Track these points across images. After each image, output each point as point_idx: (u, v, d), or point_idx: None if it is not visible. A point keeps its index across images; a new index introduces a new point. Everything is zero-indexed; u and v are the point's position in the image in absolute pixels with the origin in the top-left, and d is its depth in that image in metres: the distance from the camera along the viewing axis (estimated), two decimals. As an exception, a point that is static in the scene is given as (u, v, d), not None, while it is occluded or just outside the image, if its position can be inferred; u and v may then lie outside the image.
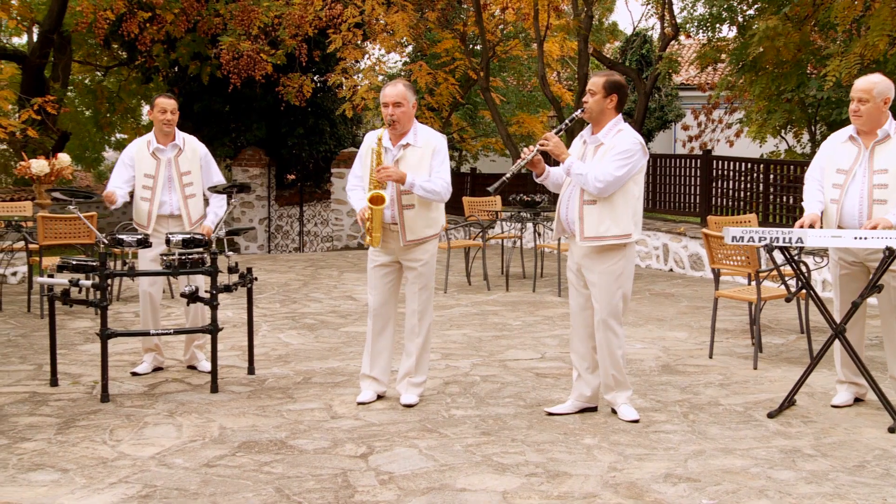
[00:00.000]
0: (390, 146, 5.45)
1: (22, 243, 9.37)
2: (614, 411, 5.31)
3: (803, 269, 5.56)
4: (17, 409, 5.49)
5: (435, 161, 5.44)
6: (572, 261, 5.31)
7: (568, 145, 5.27)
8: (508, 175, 5.25)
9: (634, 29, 23.11)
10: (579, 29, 16.30)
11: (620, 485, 4.18)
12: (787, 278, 6.26)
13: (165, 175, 6.34)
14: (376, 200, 5.29)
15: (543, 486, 4.17)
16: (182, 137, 6.46)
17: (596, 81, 5.11)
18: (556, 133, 5.18)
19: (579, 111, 5.16)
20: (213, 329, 5.85)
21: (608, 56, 21.63)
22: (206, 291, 5.98)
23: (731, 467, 4.41)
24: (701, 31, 14.60)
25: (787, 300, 5.57)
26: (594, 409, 5.40)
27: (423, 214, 5.46)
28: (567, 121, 5.23)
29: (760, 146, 15.93)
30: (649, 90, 17.25)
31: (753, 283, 6.86)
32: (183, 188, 6.36)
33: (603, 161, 5.01)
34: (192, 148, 6.48)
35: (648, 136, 26.13)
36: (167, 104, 6.32)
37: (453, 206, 16.05)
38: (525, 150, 5.17)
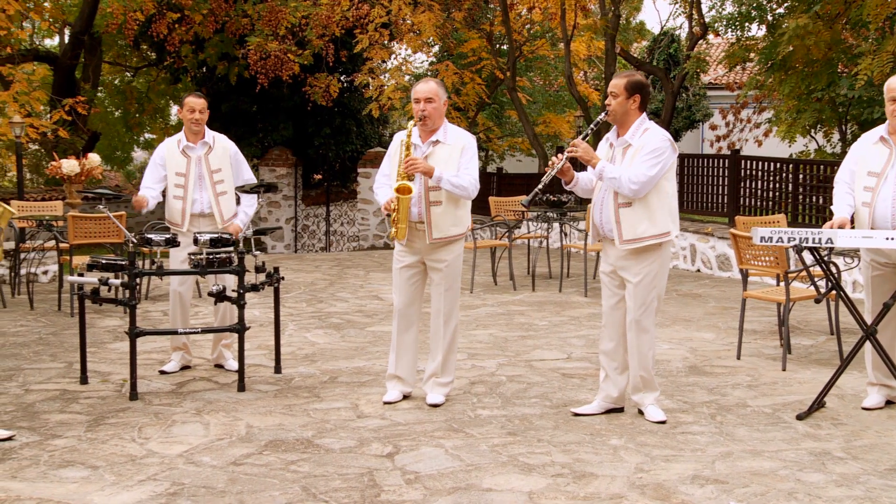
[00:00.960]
0: (420, 143, 5.45)
1: (53, 242, 9.47)
2: (641, 412, 5.29)
3: (833, 269, 5.50)
4: (49, 406, 5.54)
5: (463, 158, 5.43)
6: (607, 262, 5.25)
7: (595, 148, 5.25)
8: (541, 186, 5.15)
9: (662, 28, 22.99)
10: (606, 28, 16.24)
11: (647, 486, 4.16)
12: (816, 279, 6.20)
13: (196, 173, 6.38)
14: (403, 190, 5.28)
15: (570, 486, 4.16)
16: (212, 136, 6.50)
17: (617, 83, 5.07)
18: (583, 138, 5.16)
19: (603, 114, 5.12)
20: (240, 328, 5.88)
21: (635, 55, 21.52)
22: (233, 290, 6.01)
23: (760, 469, 4.38)
24: (729, 29, 14.50)
25: (817, 301, 5.52)
26: (621, 410, 5.37)
27: (450, 212, 5.45)
28: (592, 125, 5.18)
29: (789, 146, 15.78)
30: (677, 90, 17.16)
31: (782, 283, 6.80)
32: (214, 186, 6.40)
33: (634, 162, 4.97)
34: (223, 146, 6.52)
35: (676, 136, 25.97)
36: (196, 103, 6.36)
37: (479, 206, 16.04)
38: (554, 158, 5.11)
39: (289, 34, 15.74)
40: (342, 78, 18.55)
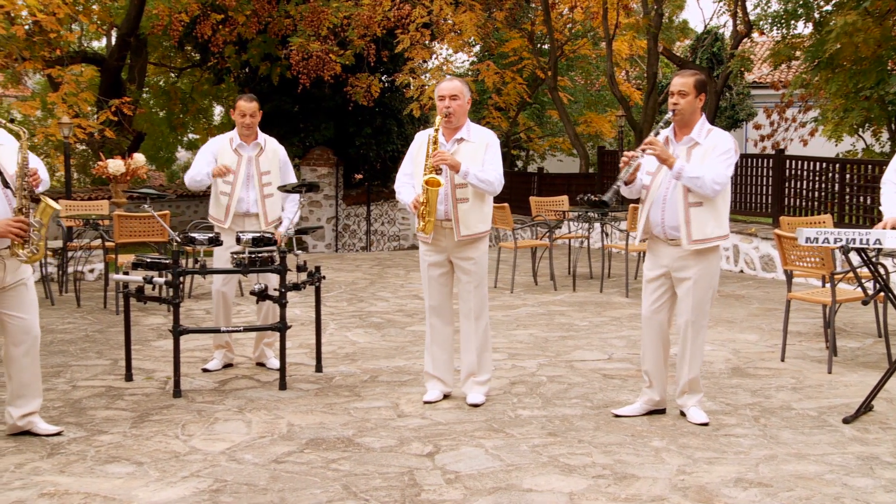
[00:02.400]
0: (444, 141, 5.46)
1: (99, 241, 9.61)
2: (683, 414, 5.24)
3: (881, 271, 5.40)
4: (95, 402, 5.63)
5: (487, 155, 5.44)
6: (658, 265, 5.15)
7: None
8: (619, 184, 5.01)
9: (706, 27, 22.75)
10: (649, 27, 16.13)
11: (689, 488, 4.12)
12: (864, 281, 6.10)
13: (245, 172, 6.44)
14: (433, 183, 5.27)
15: (611, 487, 4.13)
16: (264, 138, 6.56)
17: (686, 82, 4.97)
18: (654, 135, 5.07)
19: (670, 114, 5.01)
20: (281, 327, 5.92)
21: (678, 54, 21.33)
22: (275, 289, 6.06)
23: (805, 473, 4.31)
24: (775, 27, 14.32)
25: (865, 303, 5.42)
26: (662, 412, 5.33)
27: (476, 208, 5.45)
28: (662, 123, 5.02)
29: (836, 145, 15.56)
30: (720, 89, 16.99)
31: (828, 285, 6.70)
32: (262, 187, 6.45)
33: (708, 162, 4.90)
34: (273, 149, 6.59)
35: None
36: (247, 108, 6.40)
37: (520, 206, 16.01)
38: (626, 154, 4.97)
39: (331, 34, 15.83)
40: (383, 78, 18.63)
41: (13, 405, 4.88)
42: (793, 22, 14.01)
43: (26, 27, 13.48)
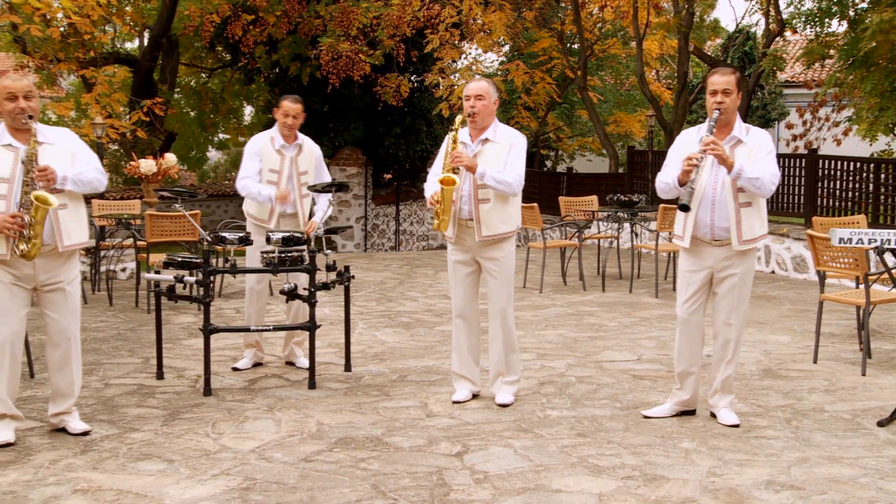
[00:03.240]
0: (469, 141, 5.45)
1: (131, 240, 9.70)
2: (713, 415, 5.20)
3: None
4: (127, 400, 5.68)
5: (510, 155, 5.41)
6: (702, 265, 5.09)
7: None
8: (693, 186, 4.89)
9: (737, 26, 22.58)
10: (679, 26, 16.03)
11: (720, 490, 4.08)
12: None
13: (287, 173, 6.47)
14: (447, 182, 5.28)
15: (640, 489, 4.11)
16: (302, 137, 6.59)
17: (729, 80, 4.91)
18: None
19: (717, 112, 4.94)
20: (311, 326, 5.94)
21: (709, 54, 21.17)
22: (304, 289, 6.08)
23: (839, 476, 4.26)
24: (808, 26, 14.16)
25: (899, 304, 5.35)
26: (692, 413, 5.29)
27: (498, 209, 5.43)
28: (710, 121, 4.91)
29: (870, 144, 15.37)
30: (752, 88, 16.85)
31: (861, 286, 6.62)
32: (300, 187, 6.49)
33: (756, 160, 4.86)
34: (310, 148, 6.62)
35: (750, 135, 25.45)
36: (291, 108, 6.41)
37: (549, 206, 15.98)
38: (693, 157, 4.83)
39: (360, 34, 15.87)
40: (413, 78, 18.64)
41: (51, 402, 4.97)
42: (827, 20, 13.85)
43: (61, 29, 13.64)
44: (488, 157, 5.37)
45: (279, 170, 6.43)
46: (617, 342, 7.50)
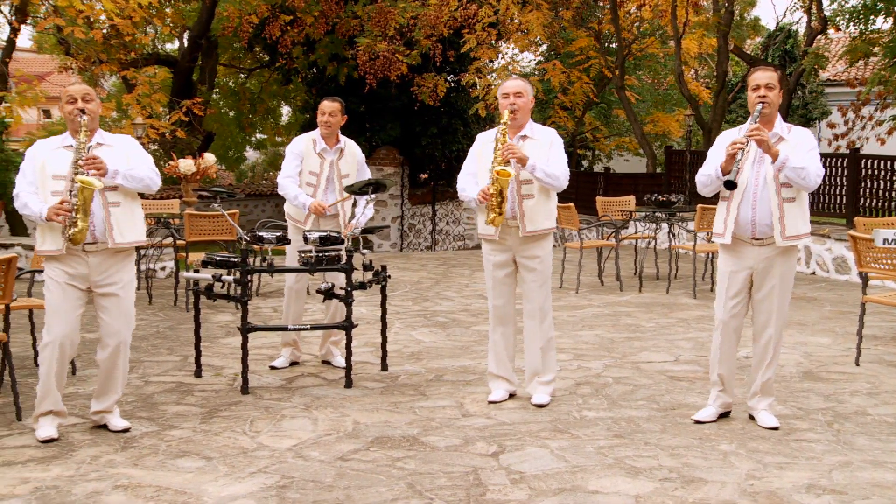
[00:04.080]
0: (509, 139, 5.44)
1: (170, 239, 9.80)
2: (752, 417, 5.14)
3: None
4: (166, 398, 5.74)
5: (552, 151, 5.44)
6: (743, 265, 5.03)
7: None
8: (741, 164, 4.83)
9: (778, 24, 22.32)
10: (719, 25, 15.88)
11: (759, 493, 4.04)
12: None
13: (327, 176, 6.48)
14: (504, 174, 5.24)
15: (678, 491, 4.08)
16: (344, 140, 6.58)
17: (772, 75, 4.88)
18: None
19: (760, 106, 4.90)
20: (347, 325, 5.97)
21: (748, 52, 20.94)
22: (341, 288, 6.10)
23: (882, 481, 4.20)
24: (852, 23, 13.96)
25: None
26: (728, 415, 5.24)
27: (542, 204, 5.43)
28: (753, 116, 4.84)
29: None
30: (792, 87, 16.66)
31: (905, 287, 6.52)
32: (341, 191, 6.49)
33: (800, 155, 4.81)
34: (352, 151, 6.61)
35: (791, 135, 25.15)
36: (326, 107, 6.43)
37: (586, 206, 15.90)
38: (737, 141, 4.79)
39: (397, 35, 15.92)
40: (449, 78, 18.67)
41: (94, 399, 5.05)
42: (871, 17, 13.64)
43: (104, 31, 13.82)
44: (529, 153, 5.36)
45: (318, 173, 6.45)
46: (654, 343, 7.44)
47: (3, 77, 13.43)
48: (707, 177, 5.03)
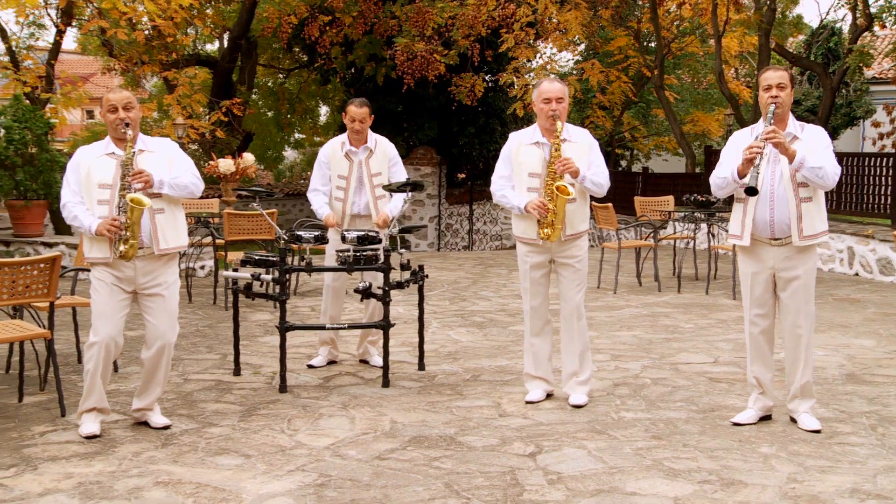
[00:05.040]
0: (546, 142, 5.42)
1: (209, 238, 9.89)
2: (793, 420, 5.07)
3: None
4: (205, 395, 5.80)
5: (592, 155, 5.45)
6: (764, 266, 4.99)
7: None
8: (759, 174, 4.79)
9: (821, 21, 22.02)
10: (760, 23, 15.68)
11: (801, 497, 3.98)
12: None
13: (357, 177, 6.49)
14: (564, 190, 5.23)
15: (717, 493, 4.04)
16: (374, 139, 6.58)
17: (783, 75, 4.88)
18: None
19: (773, 106, 4.86)
20: (385, 325, 5.98)
21: (791, 50, 20.69)
22: (378, 288, 6.12)
23: (925, 486, 4.12)
24: (898, 20, 13.73)
25: None
26: (769, 418, 5.18)
27: (581, 208, 5.44)
28: (770, 116, 4.78)
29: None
30: (836, 85, 16.40)
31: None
32: (373, 189, 6.50)
33: (815, 153, 4.77)
34: (383, 150, 6.60)
35: (834, 134, 24.85)
36: (356, 113, 6.44)
37: (624, 206, 15.81)
38: (755, 145, 4.74)
39: (435, 35, 15.92)
40: (487, 77, 18.63)
41: (136, 397, 5.12)
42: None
43: (146, 32, 13.99)
44: (568, 156, 5.35)
45: (347, 175, 6.47)
46: (693, 344, 7.38)
47: (48, 79, 13.64)
48: (723, 179, 4.99)
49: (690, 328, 8.10)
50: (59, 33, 14.07)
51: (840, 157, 12.97)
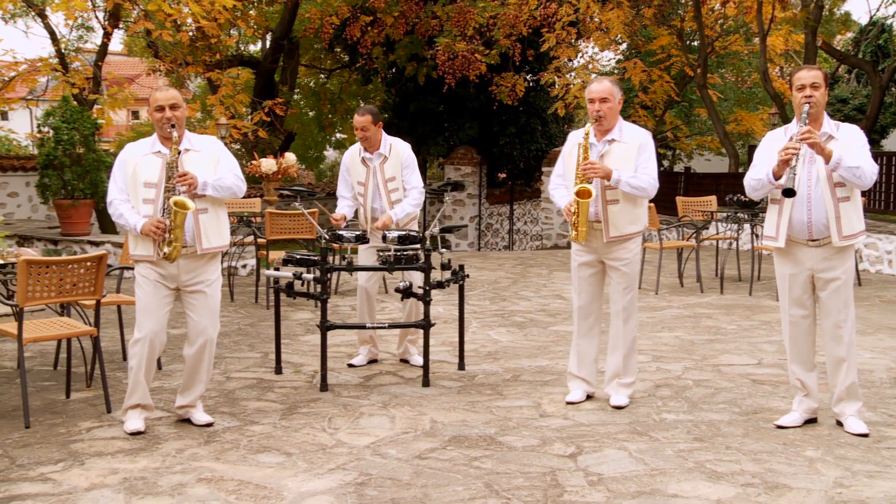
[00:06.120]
0: (595, 141, 5.40)
1: (251, 238, 9.98)
2: (839, 423, 5.00)
3: None
4: (247, 393, 5.85)
5: (641, 157, 5.34)
6: (803, 267, 4.94)
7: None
8: (796, 170, 4.70)
9: (871, 18, 21.66)
10: (807, 20, 15.46)
11: (848, 502, 3.92)
12: None
13: (374, 183, 6.53)
14: (583, 194, 5.24)
15: (761, 497, 3.99)
16: (388, 144, 6.56)
17: (817, 74, 4.83)
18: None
19: (808, 106, 4.81)
20: (425, 324, 5.99)
21: (838, 48, 20.36)
22: (419, 287, 6.13)
23: (975, 492, 4.04)
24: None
25: None
26: (814, 420, 5.10)
27: (627, 210, 5.36)
28: (805, 116, 4.76)
29: None
30: (885, 84, 16.13)
31: None
32: (389, 194, 6.52)
33: (852, 153, 4.70)
34: (396, 153, 6.57)
35: (882, 133, 24.44)
36: (357, 122, 6.45)
37: (666, 206, 15.68)
38: (791, 146, 4.70)
39: (476, 34, 15.92)
40: (528, 77, 18.59)
41: (179, 394, 5.18)
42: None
43: (190, 34, 14.15)
44: (615, 157, 5.31)
45: (365, 181, 6.53)
46: (736, 345, 7.30)
47: (96, 80, 13.86)
48: (757, 181, 4.94)
49: (733, 329, 8.01)
50: (107, 35, 14.29)
51: (887, 156, 12.79)
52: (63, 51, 14.34)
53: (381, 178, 6.52)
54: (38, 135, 12.31)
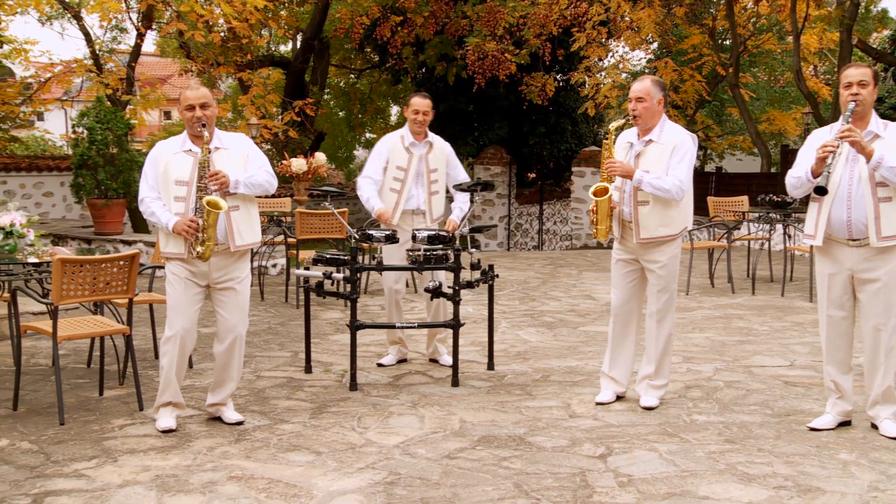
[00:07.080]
0: (635, 140, 5.37)
1: (281, 237, 10.02)
2: (874, 426, 4.94)
3: None
4: (277, 392, 5.88)
5: (672, 159, 5.26)
6: (842, 267, 4.88)
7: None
8: (832, 168, 4.69)
9: (905, 16, 21.37)
10: (842, 18, 15.28)
11: (881, 507, 3.88)
12: None
13: (416, 170, 6.52)
14: (599, 192, 5.25)
15: (794, 500, 3.95)
16: (432, 136, 6.61)
17: (865, 72, 4.75)
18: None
19: (853, 104, 4.75)
20: (455, 324, 5.99)
21: (874, 47, 20.11)
22: (448, 287, 6.13)
23: None
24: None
25: None
26: (848, 423, 5.04)
27: (658, 212, 5.29)
28: (848, 114, 4.71)
29: None
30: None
31: None
32: (430, 185, 6.54)
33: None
34: (441, 147, 6.64)
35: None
36: (420, 105, 6.48)
37: (697, 206, 15.55)
38: (829, 144, 4.67)
39: (506, 34, 15.90)
40: (558, 77, 18.55)
41: (210, 392, 5.21)
42: None
43: (222, 34, 14.26)
44: (651, 159, 5.27)
45: (406, 168, 6.48)
46: (767, 347, 7.23)
47: (129, 81, 14.00)
48: (797, 179, 4.90)
49: (765, 330, 7.94)
50: (140, 36, 14.45)
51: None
52: (97, 52, 14.51)
53: (426, 167, 6.52)
54: (72, 135, 12.47)
